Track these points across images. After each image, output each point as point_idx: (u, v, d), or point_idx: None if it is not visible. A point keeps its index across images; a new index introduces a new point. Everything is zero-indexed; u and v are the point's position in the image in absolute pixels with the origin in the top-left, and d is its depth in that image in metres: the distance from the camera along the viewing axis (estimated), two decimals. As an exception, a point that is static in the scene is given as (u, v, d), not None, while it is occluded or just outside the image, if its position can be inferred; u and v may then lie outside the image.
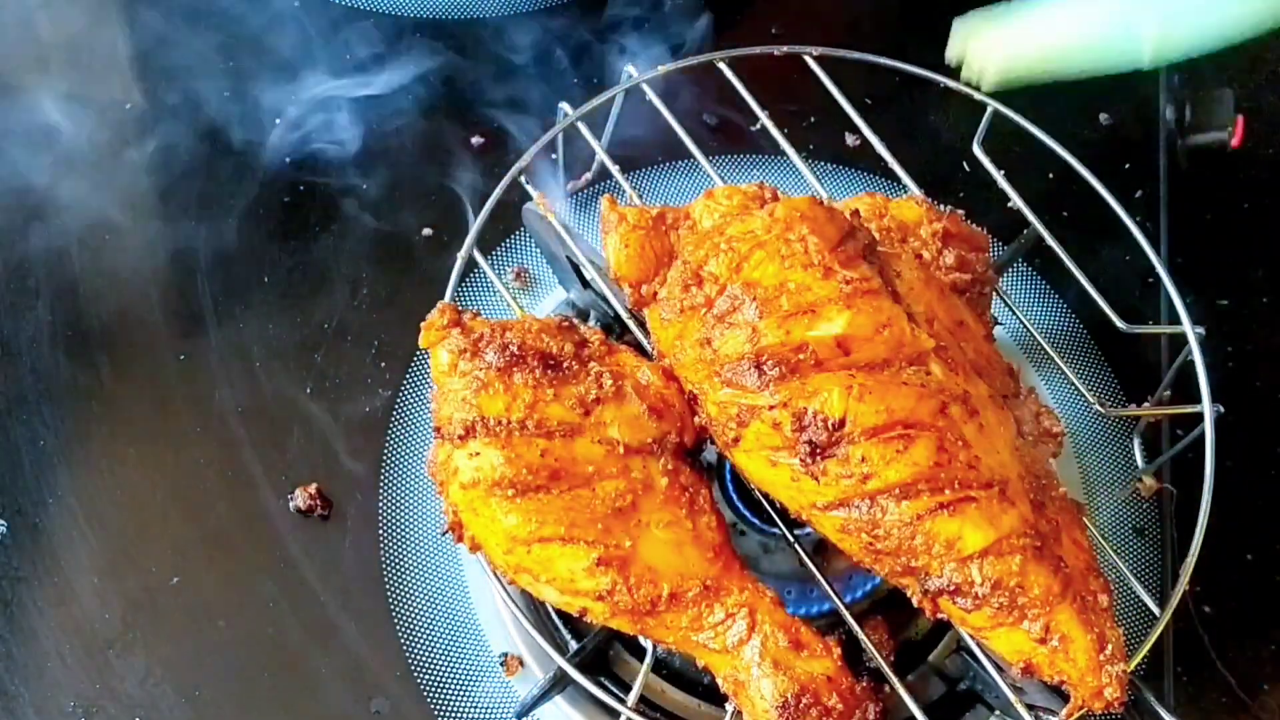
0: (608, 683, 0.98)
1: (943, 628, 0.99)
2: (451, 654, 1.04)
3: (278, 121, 1.24)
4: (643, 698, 0.95)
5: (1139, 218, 1.02)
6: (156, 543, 1.05)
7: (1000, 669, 0.84)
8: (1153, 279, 1.14)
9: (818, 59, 1.01)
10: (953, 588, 0.77)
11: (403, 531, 1.08)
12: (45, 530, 1.05)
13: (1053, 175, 1.18)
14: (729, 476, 1.00)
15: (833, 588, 0.87)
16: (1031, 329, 1.00)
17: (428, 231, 1.20)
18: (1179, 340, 1.01)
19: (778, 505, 0.85)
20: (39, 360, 1.12)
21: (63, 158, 1.21)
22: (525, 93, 1.27)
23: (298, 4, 1.31)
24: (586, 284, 1.03)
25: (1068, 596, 0.78)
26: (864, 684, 0.82)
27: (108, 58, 1.28)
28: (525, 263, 1.19)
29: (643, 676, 0.86)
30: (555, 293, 1.17)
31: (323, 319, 1.16)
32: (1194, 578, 0.86)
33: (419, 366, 1.14)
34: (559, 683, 0.94)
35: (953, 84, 1.03)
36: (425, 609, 1.05)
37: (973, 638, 0.83)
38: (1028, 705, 0.82)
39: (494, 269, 0.96)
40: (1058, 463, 0.89)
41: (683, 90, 1.08)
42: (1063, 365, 0.98)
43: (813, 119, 1.27)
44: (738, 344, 0.78)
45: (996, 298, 0.97)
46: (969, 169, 1.16)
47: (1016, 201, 1.02)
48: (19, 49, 1.28)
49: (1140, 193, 1.25)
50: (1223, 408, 0.92)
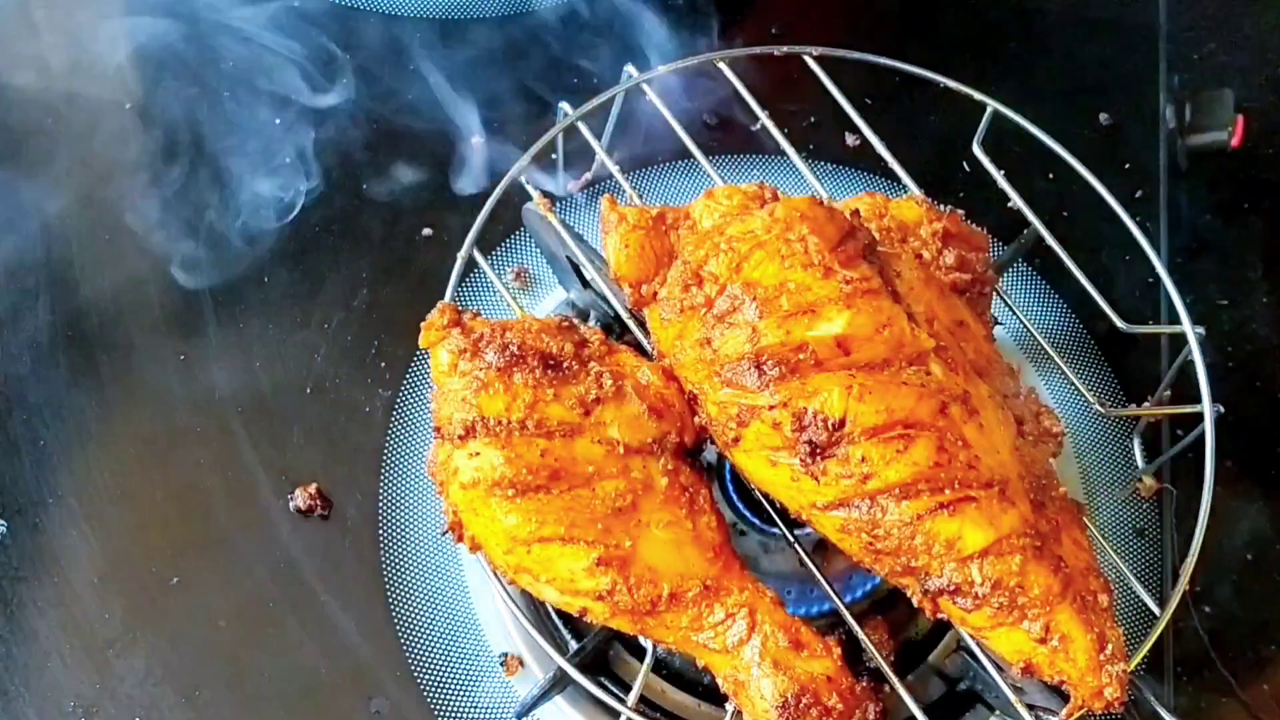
0: (608, 683, 0.98)
1: (943, 628, 0.99)
2: (451, 654, 1.04)
3: (277, 121, 1.24)
4: (643, 698, 0.95)
5: (1139, 218, 1.02)
6: (156, 543, 1.05)
7: (1000, 669, 0.84)
8: (1153, 279, 1.14)
9: (818, 59, 1.01)
10: (953, 588, 0.77)
11: (403, 531, 1.08)
12: (45, 530, 1.05)
13: (1053, 175, 1.18)
14: (729, 476, 1.00)
15: (833, 588, 0.87)
16: (1031, 329, 1.00)
17: (428, 231, 1.20)
18: (1179, 340, 1.01)
19: (778, 505, 0.85)
20: (39, 360, 1.12)
21: (63, 158, 1.21)
22: (525, 92, 1.27)
23: (297, 4, 1.31)
24: (586, 284, 1.03)
25: (1068, 596, 0.78)
26: (864, 684, 0.82)
27: (108, 58, 1.28)
28: (525, 263, 1.19)
29: (643, 676, 0.86)
30: (555, 293, 1.17)
31: (323, 319, 1.16)
32: (1194, 578, 0.86)
33: (419, 366, 1.14)
34: (559, 683, 0.94)
35: (953, 84, 1.03)
36: (425, 609, 1.05)
37: (973, 638, 0.83)
38: (1028, 705, 0.82)
39: (494, 269, 0.96)
40: (1058, 463, 0.89)
41: (683, 90, 1.08)
42: (1063, 365, 0.98)
43: (813, 119, 1.27)
44: (738, 344, 0.78)
45: (996, 298, 0.97)
46: (969, 169, 1.15)
47: (1016, 201, 1.02)
48: (19, 49, 1.28)
49: (1140, 193, 1.25)
50: (1223, 408, 0.92)
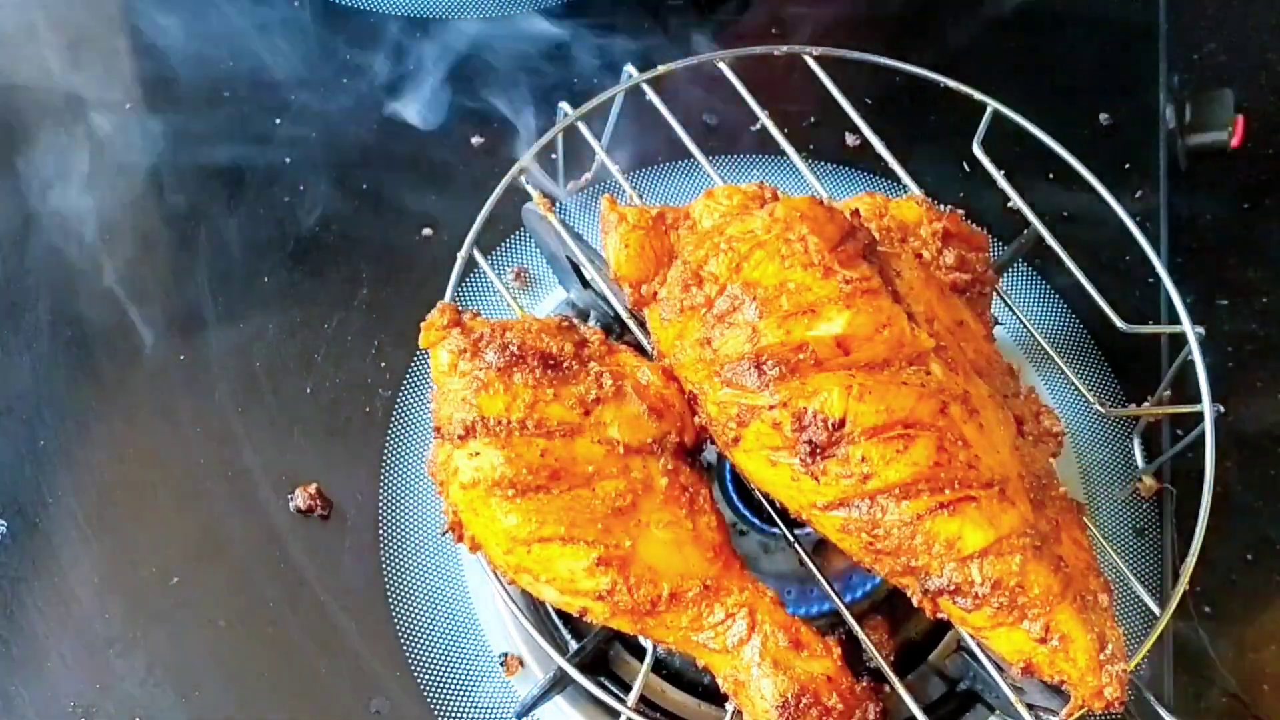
0: (608, 683, 0.98)
1: (943, 628, 0.99)
2: (451, 654, 1.04)
3: (278, 121, 1.24)
4: (643, 698, 0.95)
5: (1139, 218, 1.02)
6: (156, 543, 1.05)
7: (1000, 669, 0.84)
8: (1153, 279, 1.14)
9: (818, 59, 1.01)
10: (953, 587, 0.77)
11: (403, 531, 1.08)
12: (45, 530, 1.05)
13: (1053, 175, 1.18)
14: (729, 476, 1.00)
15: (833, 588, 0.87)
16: (1031, 329, 1.00)
17: (428, 231, 1.20)
18: (1179, 340, 1.01)
19: (778, 505, 0.85)
20: (39, 360, 1.12)
21: (62, 158, 1.22)
22: (525, 92, 1.27)
23: (297, 4, 1.31)
24: (586, 284, 1.03)
25: (1068, 596, 0.78)
26: (864, 684, 0.82)
27: (108, 58, 1.28)
28: (525, 263, 1.19)
29: (643, 676, 0.86)
30: (555, 293, 1.17)
31: (323, 319, 1.16)
32: (1194, 578, 0.86)
33: (419, 366, 1.14)
34: (559, 683, 0.94)
35: (953, 84, 1.03)
36: (425, 609, 1.05)
37: (973, 638, 0.83)
38: (1028, 705, 0.82)
39: (494, 269, 0.96)
40: (1058, 463, 0.89)
41: (683, 90, 1.08)
42: (1063, 365, 0.98)
43: (813, 119, 1.26)
44: (738, 344, 0.78)
45: (996, 298, 0.97)
46: (969, 169, 1.15)
47: (1016, 201, 1.02)
48: (19, 49, 1.28)
49: (1140, 193, 1.25)
50: (1223, 408, 0.92)
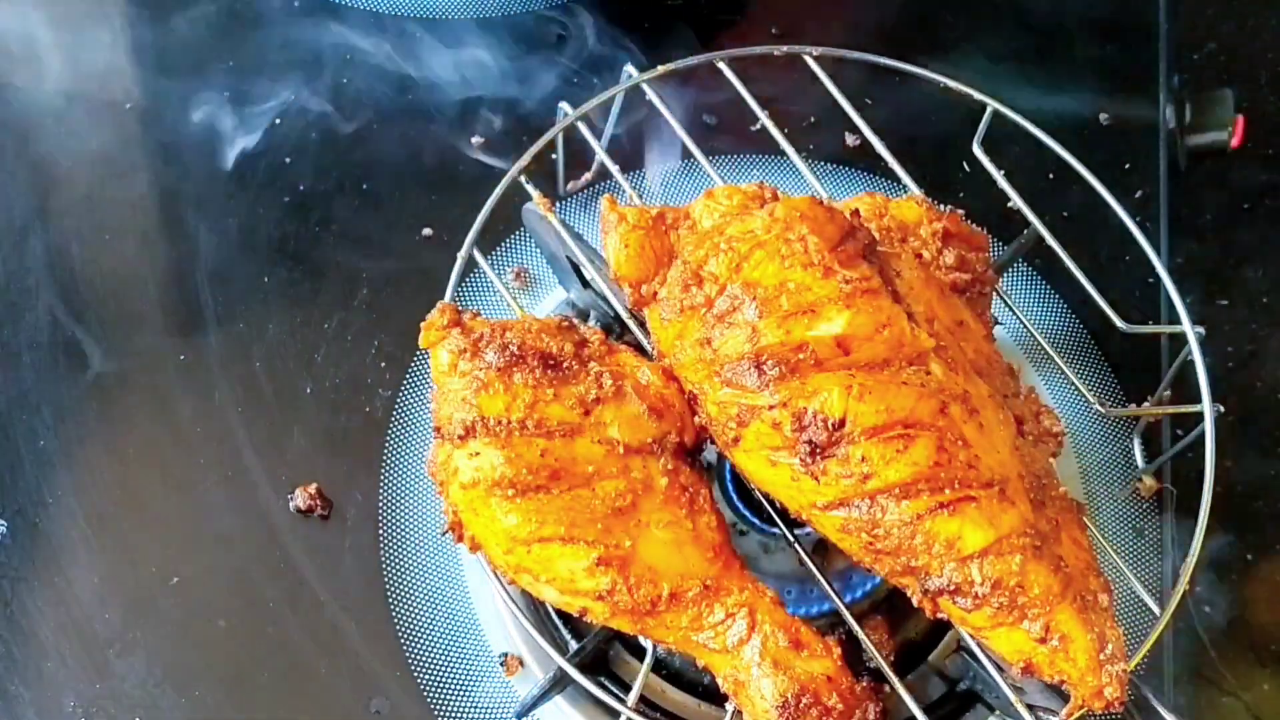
0: (608, 683, 0.98)
1: (943, 628, 0.99)
2: (451, 654, 1.04)
3: (278, 121, 1.24)
4: (643, 698, 0.95)
5: (1139, 218, 1.02)
6: (156, 543, 1.05)
7: (1000, 669, 0.84)
8: (1153, 279, 1.14)
9: (818, 59, 1.01)
10: (953, 587, 0.77)
11: (403, 531, 1.08)
12: (45, 530, 1.05)
13: (1053, 175, 1.18)
14: (729, 476, 1.00)
15: (833, 588, 0.87)
16: (1031, 329, 1.00)
17: (428, 231, 1.20)
18: (1179, 340, 1.01)
19: (778, 505, 0.85)
20: (39, 360, 1.12)
21: (62, 158, 1.21)
22: (525, 92, 1.27)
23: (297, 4, 1.31)
24: (586, 284, 1.03)
25: (1068, 596, 0.78)
26: (864, 684, 0.82)
27: (108, 58, 1.28)
28: (525, 263, 1.19)
29: (643, 676, 0.86)
30: (555, 293, 1.17)
31: (323, 319, 1.16)
32: (1194, 578, 0.86)
33: (419, 366, 1.14)
34: (559, 683, 0.94)
35: (952, 84, 1.03)
36: (425, 609, 1.05)
37: (973, 638, 0.83)
38: (1028, 705, 0.82)
39: (494, 269, 0.96)
40: (1058, 462, 0.89)
41: (683, 90, 1.08)
42: (1063, 365, 0.98)
43: (813, 119, 1.26)
44: (738, 344, 0.78)
45: (996, 298, 0.97)
46: (969, 169, 1.15)
47: (1016, 201, 1.02)
48: (19, 49, 1.28)
49: (1140, 193, 1.25)
50: (1223, 407, 0.92)
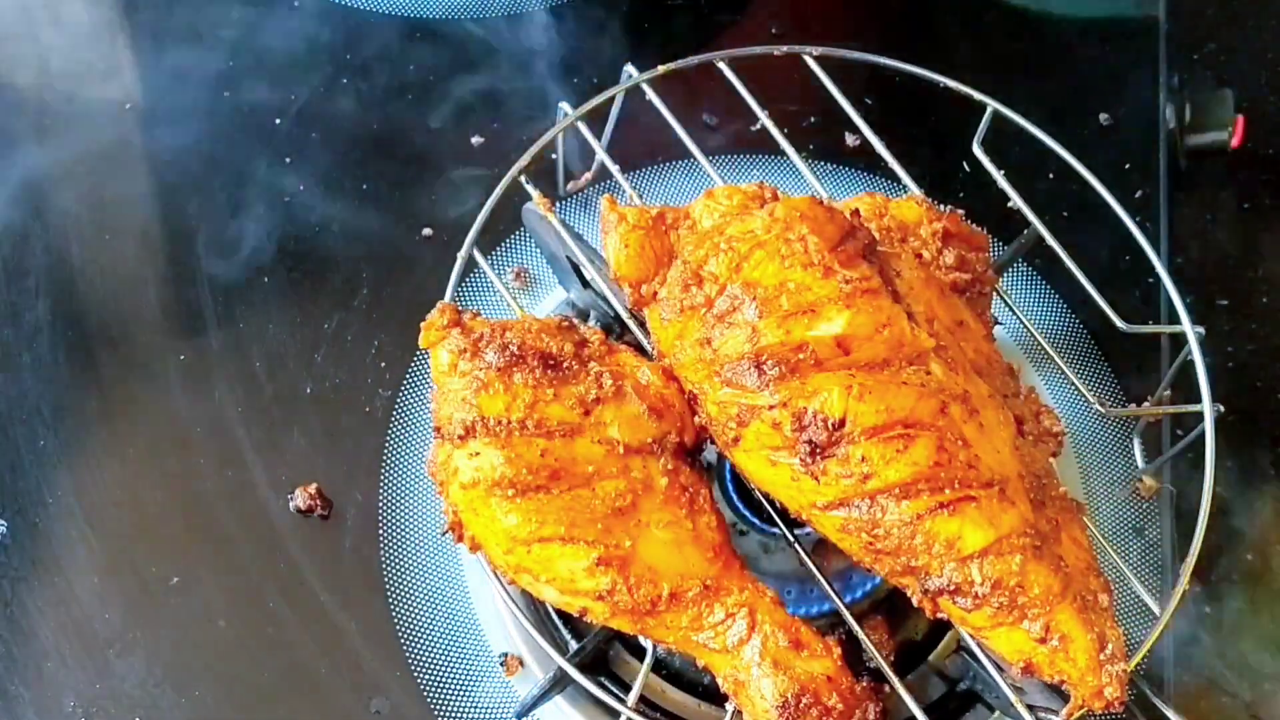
0: (608, 683, 0.98)
1: (943, 628, 0.99)
2: (451, 654, 1.04)
3: (278, 121, 1.24)
4: (643, 698, 0.95)
5: (1139, 218, 1.02)
6: (156, 543, 1.05)
7: (1000, 669, 0.84)
8: (1153, 279, 1.14)
9: (818, 59, 1.01)
10: (953, 587, 0.77)
11: (403, 531, 1.08)
12: (45, 530, 1.05)
13: (1053, 175, 1.18)
14: (729, 476, 1.00)
15: (833, 588, 0.87)
16: (1031, 329, 1.00)
17: (428, 231, 1.20)
18: (1179, 340, 1.01)
19: (778, 505, 0.85)
20: (39, 360, 1.12)
21: (63, 158, 1.22)
22: (525, 92, 1.27)
23: (297, 4, 1.31)
24: (586, 284, 1.03)
25: (1068, 596, 0.78)
26: (864, 684, 0.82)
27: (108, 57, 1.28)
28: (525, 263, 1.19)
29: (643, 676, 0.86)
30: (555, 293, 1.17)
31: (323, 319, 1.16)
32: (1194, 578, 0.86)
33: (419, 366, 1.14)
34: (559, 683, 0.94)
35: (953, 84, 1.03)
36: (425, 609, 1.05)
37: (973, 638, 0.83)
38: (1028, 705, 0.82)
39: (494, 269, 0.96)
40: (1058, 463, 0.89)
41: (683, 90, 1.08)
42: (1063, 365, 0.98)
43: (813, 119, 1.26)
44: (738, 344, 0.78)
45: (996, 298, 0.97)
46: (969, 169, 1.15)
47: (1016, 201, 1.02)
48: (19, 49, 1.28)
49: (1140, 193, 1.25)
50: (1223, 407, 0.92)
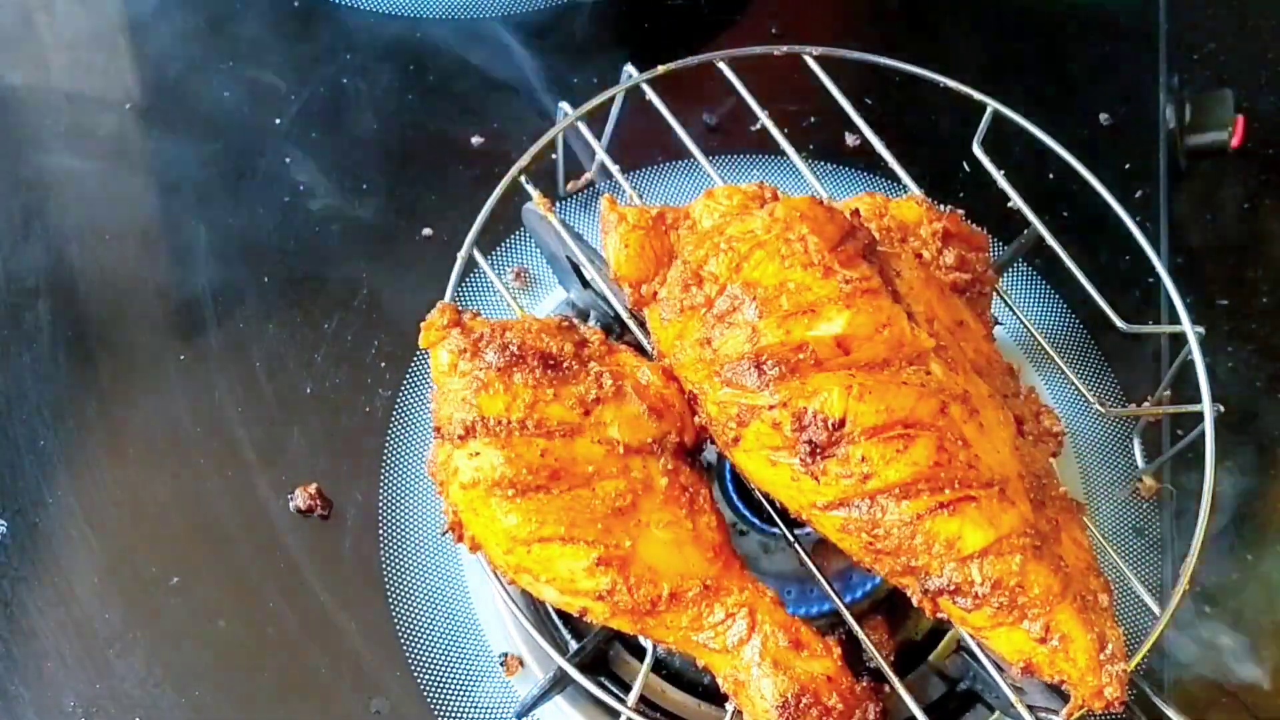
0: (608, 683, 0.98)
1: (943, 628, 0.99)
2: (451, 654, 1.04)
3: (278, 121, 1.24)
4: (643, 698, 0.95)
5: (1139, 218, 1.02)
6: (156, 543, 1.05)
7: (1000, 669, 0.84)
8: (1153, 279, 1.14)
9: (818, 59, 1.01)
10: (953, 587, 0.77)
11: (403, 531, 1.08)
12: (45, 530, 1.05)
13: (1053, 175, 1.18)
14: (729, 476, 1.00)
15: (833, 588, 0.87)
16: (1031, 329, 1.00)
17: (428, 231, 1.20)
18: (1179, 340, 1.01)
19: (778, 505, 0.85)
20: (39, 360, 1.12)
21: (62, 157, 1.22)
22: (525, 92, 1.27)
23: (297, 4, 1.31)
24: (586, 284, 1.03)
25: (1068, 596, 0.78)
26: (864, 684, 0.82)
27: (108, 58, 1.28)
28: (525, 263, 1.19)
29: (643, 676, 0.86)
30: (555, 293, 1.17)
31: (323, 319, 1.16)
32: (1194, 578, 0.86)
33: (419, 366, 1.14)
34: (559, 683, 0.94)
35: (952, 84, 1.03)
36: (425, 609, 1.05)
37: (973, 638, 0.83)
38: (1028, 705, 0.82)
39: (494, 269, 0.96)
40: (1058, 463, 0.89)
41: (683, 90, 1.08)
42: (1063, 365, 0.98)
43: (813, 119, 1.26)
44: (738, 344, 0.77)
45: (996, 298, 0.97)
46: (969, 169, 1.15)
47: (1016, 201, 1.02)
48: (19, 49, 1.28)
49: (1140, 193, 1.25)
50: (1223, 407, 0.92)
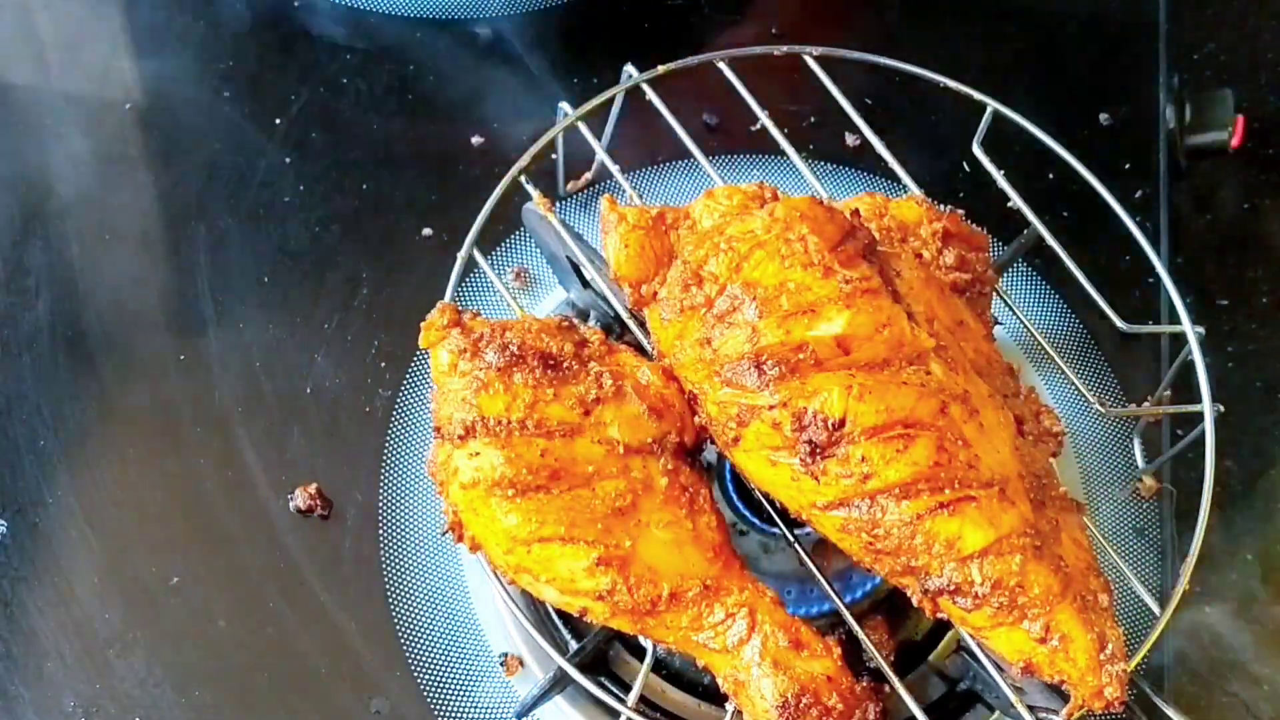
0: (608, 683, 0.98)
1: (943, 628, 0.99)
2: (451, 654, 1.04)
3: (278, 122, 1.24)
4: (643, 698, 0.95)
5: (1139, 218, 1.02)
6: (156, 543, 1.05)
7: (1000, 669, 0.84)
8: (1153, 279, 1.14)
9: (818, 59, 1.01)
10: (953, 587, 0.77)
11: (403, 531, 1.08)
12: (45, 530, 1.05)
13: (1053, 175, 1.18)
14: (729, 476, 1.00)
15: (833, 588, 0.87)
16: (1031, 329, 1.00)
17: (428, 231, 1.20)
18: (1179, 340, 1.01)
19: (778, 505, 0.85)
20: (39, 360, 1.12)
21: (62, 158, 1.21)
22: (525, 92, 1.27)
23: (297, 4, 1.31)
24: (586, 284, 1.03)
25: (1068, 596, 0.78)
26: (864, 684, 0.82)
27: (108, 58, 1.28)
28: (525, 263, 1.19)
29: (643, 676, 0.86)
30: (555, 293, 1.16)
31: (323, 319, 1.16)
32: (1194, 578, 0.86)
33: (419, 366, 1.14)
34: (559, 683, 0.94)
35: (953, 84, 1.03)
36: (425, 609, 1.05)
37: (973, 638, 0.83)
38: (1028, 705, 0.82)
39: (494, 269, 0.96)
40: (1058, 463, 0.89)
41: (683, 90, 1.08)
42: (1063, 365, 0.98)
43: (813, 119, 1.26)
44: (738, 344, 0.78)
45: (996, 298, 0.97)
46: (969, 169, 1.15)
47: (1016, 201, 1.02)
48: (19, 49, 1.28)
49: (1140, 193, 1.25)
50: (1223, 407, 0.92)
